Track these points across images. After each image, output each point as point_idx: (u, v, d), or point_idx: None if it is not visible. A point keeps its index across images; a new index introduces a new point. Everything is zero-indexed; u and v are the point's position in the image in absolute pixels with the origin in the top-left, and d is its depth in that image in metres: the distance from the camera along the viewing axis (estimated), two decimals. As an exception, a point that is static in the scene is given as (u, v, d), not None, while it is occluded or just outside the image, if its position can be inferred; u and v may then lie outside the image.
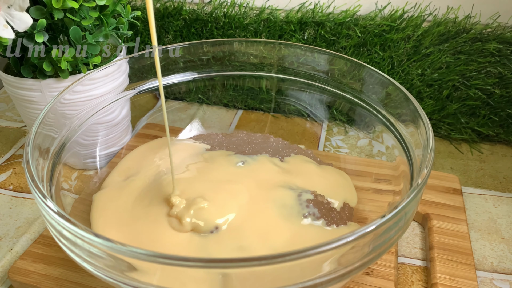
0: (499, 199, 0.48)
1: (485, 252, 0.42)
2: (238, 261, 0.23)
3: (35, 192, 0.27)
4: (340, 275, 0.26)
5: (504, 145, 0.56)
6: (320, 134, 0.53)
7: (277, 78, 0.48)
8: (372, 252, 0.27)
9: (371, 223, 0.25)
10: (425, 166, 0.29)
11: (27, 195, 0.49)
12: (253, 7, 0.58)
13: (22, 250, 0.42)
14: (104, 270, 0.26)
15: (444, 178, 0.47)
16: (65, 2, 0.40)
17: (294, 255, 0.23)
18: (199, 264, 0.23)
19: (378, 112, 0.41)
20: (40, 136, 0.34)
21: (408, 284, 0.39)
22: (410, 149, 0.35)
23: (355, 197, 0.42)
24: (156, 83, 0.46)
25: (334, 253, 0.24)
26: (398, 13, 0.53)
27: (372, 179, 0.43)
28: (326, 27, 0.55)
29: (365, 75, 0.41)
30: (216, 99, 0.58)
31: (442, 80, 0.54)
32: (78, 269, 0.37)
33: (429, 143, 0.31)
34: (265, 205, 0.38)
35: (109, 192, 0.42)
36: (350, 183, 0.43)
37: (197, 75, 0.48)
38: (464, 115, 0.55)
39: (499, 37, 0.50)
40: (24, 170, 0.29)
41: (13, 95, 0.45)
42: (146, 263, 0.24)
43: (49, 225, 0.28)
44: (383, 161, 0.42)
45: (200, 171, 0.42)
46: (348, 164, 0.47)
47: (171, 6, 0.60)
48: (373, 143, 0.43)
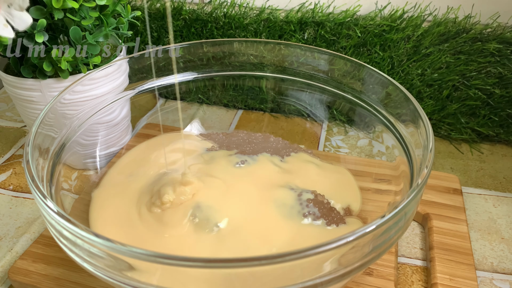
0: (499, 199, 0.48)
1: (485, 252, 0.42)
2: (238, 261, 0.23)
3: (35, 192, 0.27)
4: (340, 275, 0.26)
5: (504, 145, 0.56)
6: (320, 134, 0.53)
7: (277, 78, 0.48)
8: (372, 252, 0.27)
9: (371, 223, 0.25)
10: (425, 166, 0.29)
11: (27, 195, 0.49)
12: (253, 7, 0.58)
13: (22, 250, 0.42)
14: (104, 270, 0.26)
15: (444, 178, 0.47)
16: (65, 2, 0.40)
17: (294, 255, 0.23)
18: (199, 264, 0.23)
19: (378, 112, 0.41)
20: (40, 136, 0.34)
21: (408, 284, 0.39)
22: (410, 149, 0.35)
23: (359, 198, 0.42)
24: (156, 83, 0.46)
25: (334, 253, 0.24)
26: (398, 13, 0.53)
27: (372, 179, 0.43)
28: (326, 27, 0.55)
29: (365, 75, 0.41)
30: (216, 99, 0.58)
31: (442, 80, 0.54)
32: (78, 269, 0.37)
33: (429, 143, 0.31)
34: (265, 205, 0.38)
35: (108, 190, 0.42)
36: (352, 182, 0.43)
37: (197, 75, 0.48)
38: (464, 115, 0.55)
39: (499, 37, 0.50)
40: (24, 170, 0.29)
41: (13, 95, 0.45)
42: (146, 263, 0.24)
43: (49, 225, 0.28)
44: (383, 161, 0.42)
45: (201, 172, 0.42)
46: (348, 164, 0.47)
47: (171, 6, 0.60)
48: (373, 143, 0.43)
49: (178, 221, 0.36)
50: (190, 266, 0.23)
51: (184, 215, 0.37)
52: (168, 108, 0.53)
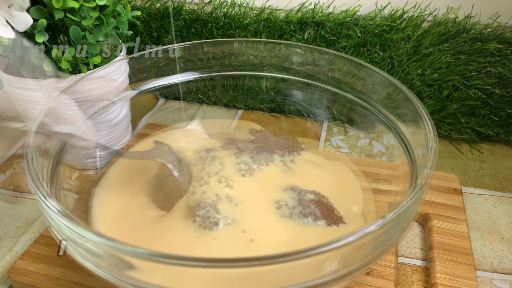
0: (499, 199, 0.48)
1: (485, 252, 0.42)
2: (239, 261, 0.23)
3: (37, 192, 0.27)
4: (341, 276, 0.26)
5: (504, 145, 0.56)
6: (320, 134, 0.53)
7: (277, 78, 0.48)
8: (373, 252, 0.27)
9: (372, 224, 0.25)
10: (427, 166, 0.29)
11: (27, 195, 0.49)
12: (253, 7, 0.58)
13: (22, 250, 0.42)
14: (105, 269, 0.26)
15: (444, 178, 0.47)
16: (66, 2, 0.40)
17: (295, 255, 0.23)
18: (200, 264, 0.23)
19: (378, 112, 0.41)
20: (40, 136, 0.34)
21: (408, 284, 0.39)
22: (412, 149, 0.35)
23: (361, 198, 0.41)
24: (156, 83, 0.46)
25: (335, 254, 0.24)
26: (398, 13, 0.53)
27: (373, 179, 0.43)
28: (326, 27, 0.55)
29: (366, 74, 0.41)
30: (216, 99, 0.58)
31: (442, 80, 0.54)
32: (78, 269, 0.37)
33: (431, 144, 0.31)
34: (266, 205, 0.38)
35: (109, 189, 0.42)
36: (354, 182, 0.43)
37: (197, 75, 0.48)
38: (464, 115, 0.55)
39: (499, 37, 0.50)
40: (25, 170, 0.29)
41: (13, 95, 0.45)
42: (147, 262, 0.24)
43: (51, 225, 0.28)
44: (384, 161, 0.42)
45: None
46: (348, 164, 0.47)
47: (171, 6, 0.60)
48: (373, 143, 0.43)
49: (179, 221, 0.36)
50: (191, 266, 0.23)
51: (185, 215, 0.37)
52: (168, 108, 0.53)
